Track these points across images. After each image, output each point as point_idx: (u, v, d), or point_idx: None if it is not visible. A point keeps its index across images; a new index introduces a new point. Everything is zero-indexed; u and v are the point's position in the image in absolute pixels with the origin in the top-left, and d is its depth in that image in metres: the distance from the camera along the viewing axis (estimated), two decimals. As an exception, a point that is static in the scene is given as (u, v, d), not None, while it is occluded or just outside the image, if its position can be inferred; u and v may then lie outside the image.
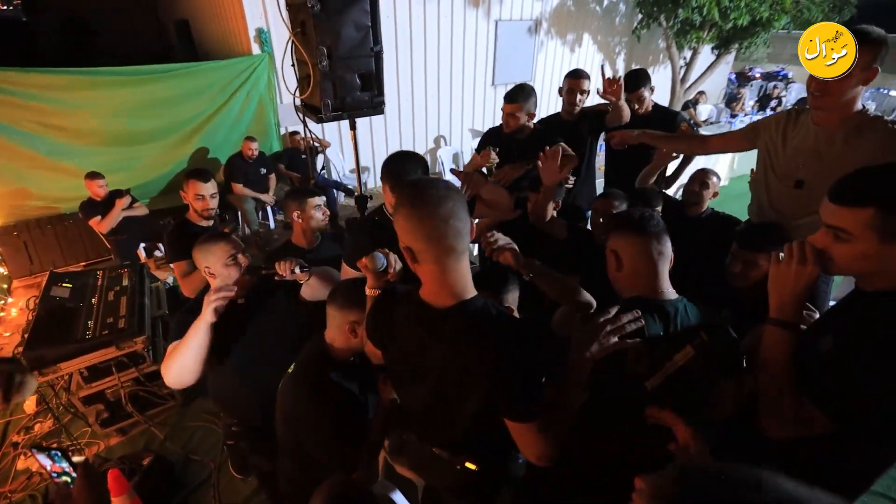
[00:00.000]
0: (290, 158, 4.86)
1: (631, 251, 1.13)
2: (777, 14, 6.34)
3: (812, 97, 1.55)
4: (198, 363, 1.43)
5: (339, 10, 1.95)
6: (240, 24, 4.67)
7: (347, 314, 1.36)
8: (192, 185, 2.19)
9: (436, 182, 0.96)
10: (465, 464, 1.15)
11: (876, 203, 0.86)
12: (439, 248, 0.94)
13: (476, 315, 0.97)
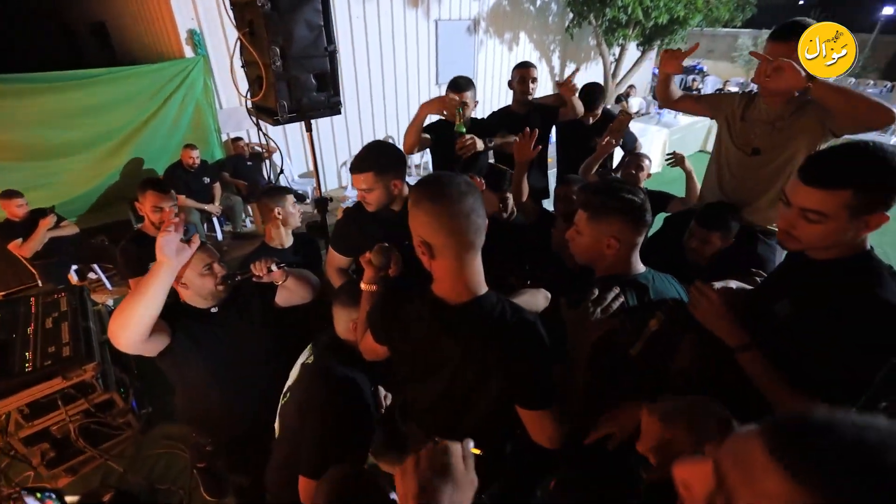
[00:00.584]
0: (235, 166, 4.64)
1: (629, 237, 1.17)
2: (692, 13, 6.93)
3: (763, 88, 1.71)
4: (152, 317, 1.27)
5: (290, 9, 1.90)
6: (168, 26, 4.39)
7: (353, 312, 1.36)
8: (150, 197, 2.07)
9: (456, 177, 0.97)
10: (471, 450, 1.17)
11: (854, 184, 0.89)
12: (459, 243, 0.95)
13: (492, 311, 1.00)
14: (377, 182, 1.60)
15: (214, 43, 4.52)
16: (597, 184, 1.23)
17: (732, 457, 0.38)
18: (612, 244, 1.16)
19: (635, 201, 1.15)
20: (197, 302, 1.53)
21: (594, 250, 1.20)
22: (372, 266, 1.29)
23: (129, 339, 1.27)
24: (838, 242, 0.97)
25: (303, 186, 5.27)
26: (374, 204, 1.65)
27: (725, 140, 1.95)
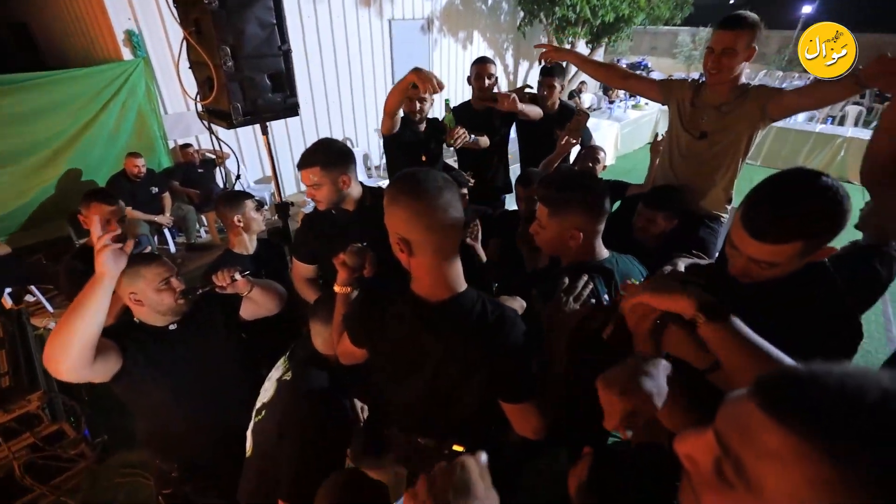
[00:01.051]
0: (186, 174, 4.41)
1: (591, 227, 1.20)
2: (635, 11, 7.24)
3: (709, 75, 1.83)
4: (93, 337, 1.16)
5: (239, 6, 1.82)
6: (103, 27, 4.11)
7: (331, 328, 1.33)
8: (96, 209, 1.92)
9: (432, 172, 0.96)
10: (453, 447, 1.17)
11: (805, 235, 0.87)
12: (439, 238, 0.94)
13: (472, 308, 1.00)
14: (324, 177, 1.57)
15: (155, 44, 4.27)
16: (554, 178, 1.26)
17: (731, 421, 0.39)
18: (575, 235, 1.20)
19: (593, 191, 1.19)
20: (153, 319, 1.43)
21: (559, 242, 1.24)
22: (346, 267, 1.25)
23: (70, 366, 1.14)
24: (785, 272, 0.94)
25: (260, 192, 5.08)
26: (324, 201, 1.62)
27: (676, 124, 2.05)
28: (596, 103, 8.64)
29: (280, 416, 1.30)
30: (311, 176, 1.57)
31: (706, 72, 1.85)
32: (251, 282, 1.52)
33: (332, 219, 1.71)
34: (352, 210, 1.70)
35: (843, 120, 8.13)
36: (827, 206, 0.86)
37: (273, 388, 1.40)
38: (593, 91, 9.35)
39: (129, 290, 1.36)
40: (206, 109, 2.12)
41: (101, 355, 1.22)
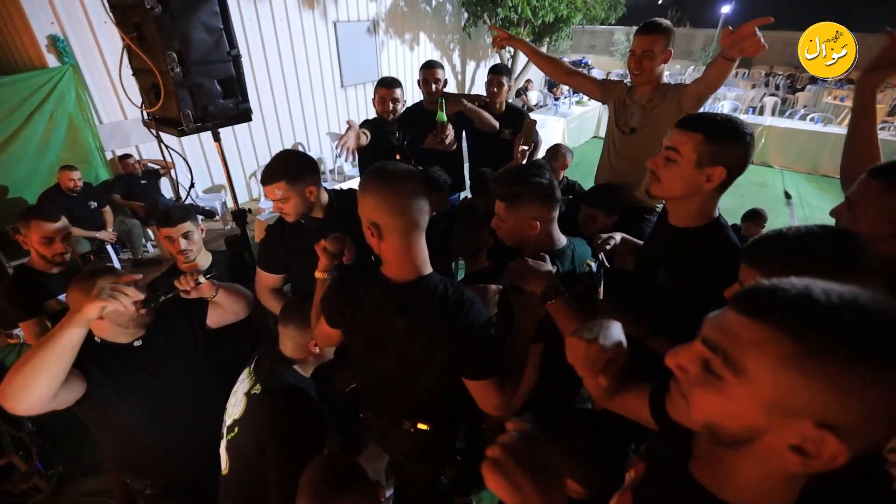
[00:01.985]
0: (128, 186, 4.17)
1: (545, 215, 1.30)
2: (573, 12, 7.59)
3: (633, 75, 2.01)
4: (62, 375, 1.12)
5: (183, 11, 1.78)
6: (22, 32, 3.81)
7: (308, 332, 1.35)
8: (36, 227, 1.80)
9: (399, 164, 1.07)
10: (418, 425, 1.25)
11: (703, 131, 1.08)
12: (405, 222, 1.03)
13: (436, 288, 1.09)
14: (290, 190, 1.57)
15: (84, 49, 4.02)
16: (506, 175, 1.36)
17: (716, 328, 0.51)
18: (532, 224, 1.30)
19: (543, 183, 1.29)
20: (116, 336, 1.37)
21: (519, 233, 1.33)
22: (327, 254, 1.31)
23: (31, 404, 1.09)
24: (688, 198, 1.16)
25: (209, 202, 4.91)
26: (293, 213, 1.62)
27: (611, 122, 2.23)
28: (542, 100, 8.97)
29: (257, 433, 1.28)
30: (276, 191, 1.56)
31: (630, 73, 2.03)
32: (216, 284, 1.49)
33: (301, 228, 1.69)
34: (322, 217, 1.71)
35: (762, 110, 8.91)
36: (730, 119, 1.10)
37: (243, 403, 1.38)
38: (539, 89, 9.69)
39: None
40: (152, 117, 2.06)
41: (64, 386, 1.16)
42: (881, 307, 0.44)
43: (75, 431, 2.53)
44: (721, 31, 1.62)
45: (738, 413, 0.49)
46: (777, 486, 0.52)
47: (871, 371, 0.43)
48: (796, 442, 0.46)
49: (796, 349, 0.44)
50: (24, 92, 3.68)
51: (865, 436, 0.45)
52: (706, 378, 0.51)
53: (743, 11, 15.71)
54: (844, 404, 0.44)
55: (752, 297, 0.49)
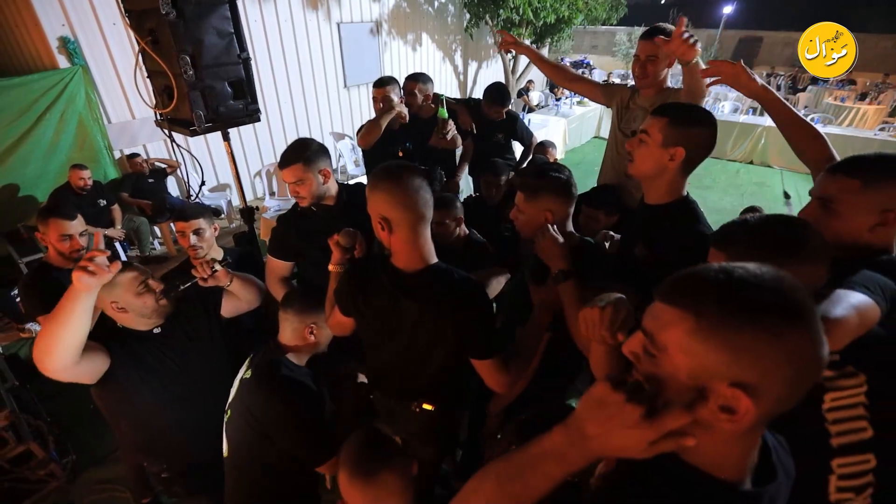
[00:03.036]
0: (135, 184, 4.25)
1: (562, 209, 1.37)
2: (574, 13, 7.64)
3: (637, 79, 2.06)
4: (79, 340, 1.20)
5: (196, 16, 1.86)
6: (34, 34, 3.89)
7: (306, 317, 1.41)
8: (54, 226, 1.87)
9: (405, 162, 1.16)
10: (423, 405, 1.33)
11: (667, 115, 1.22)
12: (413, 215, 1.11)
13: (442, 276, 1.18)
14: (307, 172, 1.66)
15: (94, 51, 4.10)
16: (529, 168, 1.43)
17: (647, 315, 0.61)
18: (548, 217, 1.36)
19: (561, 178, 1.37)
20: (138, 324, 1.46)
21: (534, 224, 1.38)
22: (339, 248, 1.39)
23: (57, 365, 1.19)
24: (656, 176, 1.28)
25: (215, 201, 4.99)
26: (309, 196, 1.70)
27: (615, 125, 2.28)
28: (543, 101, 9.03)
29: (249, 415, 1.36)
30: (294, 172, 1.65)
31: (634, 77, 2.08)
32: (231, 273, 1.57)
33: (313, 216, 1.78)
34: (333, 205, 1.80)
35: (763, 111, 8.95)
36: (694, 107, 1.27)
37: (236, 387, 1.47)
38: (540, 89, 9.74)
39: (110, 299, 1.38)
40: (165, 118, 2.13)
41: (87, 356, 1.25)
42: (763, 281, 0.53)
43: (87, 422, 2.62)
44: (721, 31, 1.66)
45: (671, 383, 0.58)
46: (726, 446, 0.59)
47: (758, 335, 0.51)
48: (721, 402, 0.54)
49: (698, 323, 0.54)
50: (35, 93, 3.76)
51: (772, 393, 0.53)
52: (648, 359, 0.60)
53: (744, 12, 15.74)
54: (744, 365, 0.52)
55: (666, 287, 0.59)
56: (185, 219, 1.88)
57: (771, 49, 14.58)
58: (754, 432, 0.60)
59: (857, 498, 0.87)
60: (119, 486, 2.27)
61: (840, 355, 0.91)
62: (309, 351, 1.48)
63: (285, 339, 1.46)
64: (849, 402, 0.90)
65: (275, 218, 3.71)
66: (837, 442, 0.89)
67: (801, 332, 0.52)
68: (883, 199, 0.99)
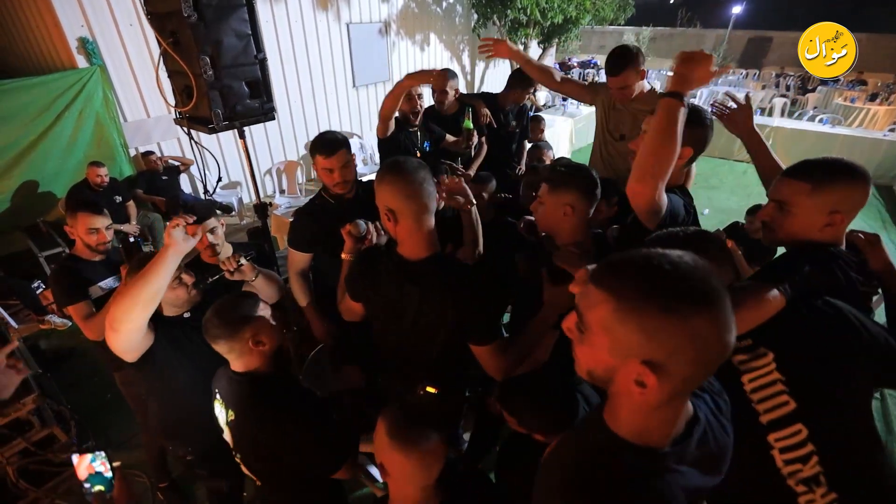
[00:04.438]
0: (149, 181, 4.36)
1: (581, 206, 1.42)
2: (582, 13, 7.66)
3: (616, 92, 2.12)
4: (155, 304, 1.26)
5: (216, 19, 1.94)
6: (54, 34, 4.01)
7: (237, 334, 1.25)
8: (83, 219, 1.95)
9: (410, 158, 1.23)
10: (427, 388, 1.39)
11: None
12: (415, 205, 1.18)
13: (445, 264, 1.25)
14: (350, 154, 1.81)
15: (111, 51, 4.21)
16: (558, 163, 1.48)
17: (580, 296, 0.68)
18: (567, 211, 1.41)
19: (587, 177, 1.43)
20: (169, 311, 1.54)
21: (554, 218, 1.44)
22: (351, 237, 1.47)
23: (131, 326, 1.25)
24: None
25: (226, 198, 5.09)
26: (352, 178, 1.83)
27: (601, 125, 2.34)
28: (550, 100, 9.05)
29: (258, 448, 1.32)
30: (343, 156, 1.76)
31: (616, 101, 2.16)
32: (256, 268, 1.64)
33: (332, 208, 1.87)
34: (352, 196, 1.89)
35: (770, 111, 8.92)
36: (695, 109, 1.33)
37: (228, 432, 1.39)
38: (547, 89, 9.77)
39: None
40: (183, 116, 2.22)
41: (146, 330, 1.35)
42: (678, 268, 0.58)
43: (105, 410, 2.72)
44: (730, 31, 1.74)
45: (597, 358, 0.65)
46: (645, 418, 0.66)
47: (668, 318, 0.56)
48: (635, 377, 0.60)
49: (617, 304, 0.60)
50: (55, 92, 3.87)
51: (678, 371, 0.59)
52: (579, 336, 0.67)
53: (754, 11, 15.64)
54: (654, 346, 0.58)
55: (596, 270, 0.66)
56: (197, 221, 1.93)
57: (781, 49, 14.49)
58: (670, 405, 0.66)
59: (805, 467, 0.93)
60: (137, 471, 2.36)
61: (752, 339, 0.99)
62: (266, 356, 1.31)
63: (240, 367, 1.31)
64: (766, 381, 0.97)
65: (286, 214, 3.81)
66: (766, 419, 0.96)
67: (707, 318, 0.56)
68: (831, 200, 1.07)
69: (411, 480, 1.00)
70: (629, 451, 0.66)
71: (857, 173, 1.07)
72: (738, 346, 0.99)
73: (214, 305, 1.28)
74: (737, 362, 1.00)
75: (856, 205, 1.09)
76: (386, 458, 1.00)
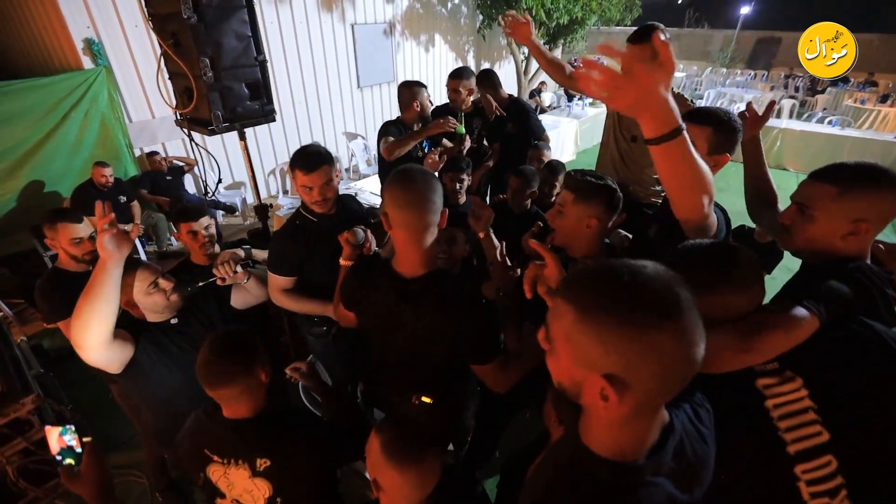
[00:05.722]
0: (154, 182, 4.39)
1: (605, 218, 1.39)
2: (588, 14, 7.62)
3: None
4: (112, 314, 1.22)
5: (216, 20, 1.94)
6: (60, 36, 4.04)
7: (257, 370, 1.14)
8: (64, 230, 1.90)
9: (419, 168, 1.19)
10: (422, 398, 1.37)
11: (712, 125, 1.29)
12: (411, 217, 1.14)
13: (441, 283, 1.20)
14: (332, 171, 1.69)
15: (117, 52, 4.24)
16: (581, 171, 1.43)
17: (549, 311, 0.67)
18: (591, 224, 1.36)
19: (615, 190, 1.38)
20: (153, 317, 1.52)
21: (575, 229, 1.39)
22: (349, 245, 1.45)
23: (94, 341, 1.22)
24: None
25: (230, 198, 5.10)
26: (332, 197, 1.71)
27: (612, 125, 2.31)
28: (555, 101, 9.02)
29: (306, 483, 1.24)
30: (326, 172, 1.64)
31: None
32: (248, 272, 1.63)
33: (313, 226, 1.76)
34: (334, 213, 1.79)
35: (779, 113, 8.82)
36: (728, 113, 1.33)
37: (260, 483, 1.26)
38: (553, 90, 9.73)
39: (122, 299, 1.37)
40: (184, 117, 2.22)
41: (118, 339, 1.32)
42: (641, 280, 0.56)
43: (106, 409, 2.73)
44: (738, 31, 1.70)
45: (563, 371, 0.64)
46: (614, 431, 0.65)
47: (624, 330, 0.55)
48: (598, 390, 0.58)
49: (576, 316, 0.59)
50: (61, 92, 3.90)
51: (639, 385, 0.57)
52: (548, 347, 0.66)
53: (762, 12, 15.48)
54: (612, 358, 0.56)
55: (563, 281, 0.66)
56: (194, 218, 1.94)
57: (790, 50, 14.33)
58: (639, 419, 0.63)
59: (833, 501, 0.86)
60: (137, 472, 2.36)
61: (778, 363, 0.92)
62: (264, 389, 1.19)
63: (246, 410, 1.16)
64: (795, 409, 0.90)
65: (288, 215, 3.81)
66: (794, 449, 0.89)
67: (668, 331, 0.54)
68: (857, 208, 0.99)
69: (405, 496, 0.98)
70: (603, 466, 0.64)
71: (891, 180, 0.98)
72: (764, 368, 0.92)
73: (212, 347, 1.14)
74: (761, 386, 0.92)
75: (884, 215, 1.00)
76: (380, 474, 0.97)
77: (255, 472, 1.16)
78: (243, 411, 1.16)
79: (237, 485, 1.19)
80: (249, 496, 1.19)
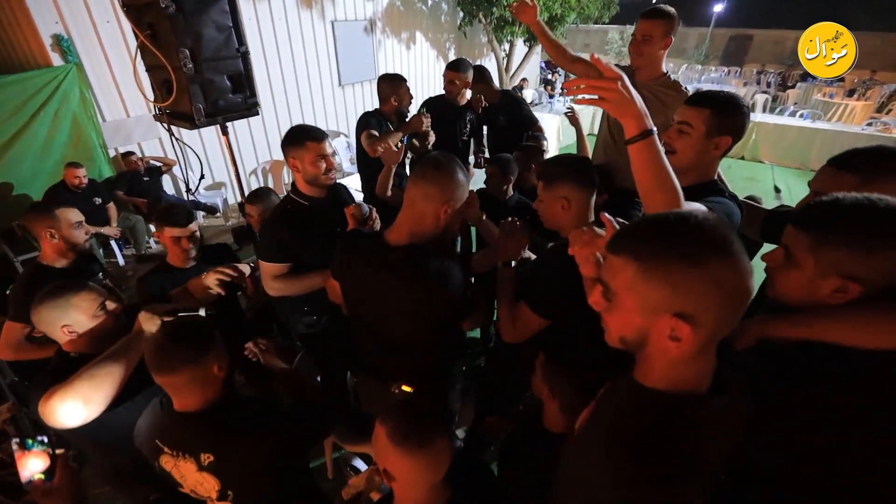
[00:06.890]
0: (130, 183, 4.24)
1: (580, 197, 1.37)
2: (567, 11, 7.69)
3: (633, 57, 2.10)
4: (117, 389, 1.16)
5: (195, 10, 1.87)
6: (27, 32, 3.87)
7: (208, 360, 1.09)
8: (65, 215, 1.86)
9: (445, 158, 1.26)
10: (402, 387, 1.37)
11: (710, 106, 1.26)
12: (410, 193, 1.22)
13: (424, 255, 1.25)
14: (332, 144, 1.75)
15: (88, 49, 4.08)
16: (550, 159, 1.46)
17: (604, 267, 0.72)
18: (565, 205, 1.37)
19: (580, 168, 1.39)
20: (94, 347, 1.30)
21: (555, 213, 1.41)
22: (354, 219, 1.49)
23: (93, 415, 1.14)
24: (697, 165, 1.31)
25: (210, 199, 4.98)
26: (335, 167, 1.75)
27: (606, 115, 2.32)
28: (537, 98, 9.09)
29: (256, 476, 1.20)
30: (329, 143, 1.70)
31: (631, 57, 2.12)
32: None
33: (305, 211, 1.73)
34: (325, 197, 1.78)
35: (753, 107, 9.06)
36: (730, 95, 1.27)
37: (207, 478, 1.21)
38: (534, 87, 9.81)
39: (62, 322, 1.27)
40: (163, 111, 2.14)
41: None
42: (687, 222, 0.62)
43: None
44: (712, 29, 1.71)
45: (627, 322, 0.68)
46: (679, 370, 0.68)
47: (687, 267, 0.60)
48: (668, 332, 0.63)
49: (638, 265, 0.64)
50: (28, 90, 3.74)
51: (708, 318, 0.61)
52: (606, 305, 0.70)
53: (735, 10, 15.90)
54: (680, 296, 0.61)
55: (612, 239, 0.70)
56: (181, 224, 1.85)
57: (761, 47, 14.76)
58: (704, 354, 0.68)
59: None
60: (121, 481, 2.28)
61: None
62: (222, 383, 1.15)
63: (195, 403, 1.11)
64: None
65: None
66: None
67: (723, 262, 0.60)
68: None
69: (419, 482, 0.96)
70: (669, 398, 0.68)
71: None
72: None
73: (166, 332, 1.10)
74: None
75: None
76: (390, 463, 0.95)
77: (201, 467, 1.13)
78: (192, 404, 1.11)
79: (188, 477, 1.16)
80: (202, 488, 1.17)
